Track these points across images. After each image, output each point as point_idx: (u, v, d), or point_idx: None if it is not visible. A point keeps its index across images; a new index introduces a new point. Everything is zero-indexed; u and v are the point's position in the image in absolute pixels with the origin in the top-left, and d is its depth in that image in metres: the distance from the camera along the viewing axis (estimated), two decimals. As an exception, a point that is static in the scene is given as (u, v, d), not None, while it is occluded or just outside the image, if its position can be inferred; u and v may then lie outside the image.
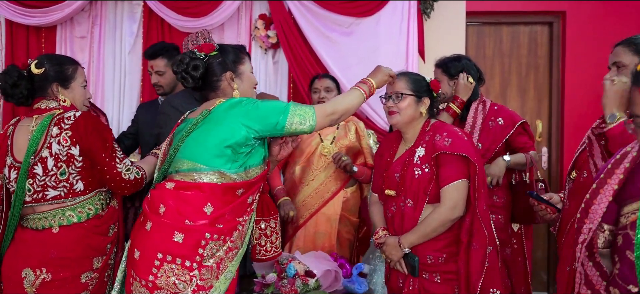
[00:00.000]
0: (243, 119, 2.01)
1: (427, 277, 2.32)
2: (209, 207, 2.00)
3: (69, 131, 2.18)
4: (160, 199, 2.04)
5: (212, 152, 2.01)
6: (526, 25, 4.52)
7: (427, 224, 2.29)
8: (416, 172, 2.33)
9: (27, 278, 2.18)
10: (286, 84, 4.28)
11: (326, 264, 2.87)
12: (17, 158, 2.23)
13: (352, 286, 2.86)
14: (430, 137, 2.35)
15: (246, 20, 4.25)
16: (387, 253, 2.40)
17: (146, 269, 1.98)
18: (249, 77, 2.23)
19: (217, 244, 2.01)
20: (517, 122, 2.96)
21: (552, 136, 4.50)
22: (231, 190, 2.03)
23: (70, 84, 2.34)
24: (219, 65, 2.15)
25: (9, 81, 2.25)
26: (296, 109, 2.06)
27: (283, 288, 2.69)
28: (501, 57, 4.53)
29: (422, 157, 2.34)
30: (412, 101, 2.39)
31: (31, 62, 2.30)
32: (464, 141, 2.31)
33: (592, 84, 4.28)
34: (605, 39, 4.25)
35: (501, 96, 4.53)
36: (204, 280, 1.99)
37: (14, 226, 2.23)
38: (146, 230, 2.03)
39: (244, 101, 2.06)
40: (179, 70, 2.13)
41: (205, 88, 2.17)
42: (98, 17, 4.23)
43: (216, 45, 2.19)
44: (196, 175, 2.02)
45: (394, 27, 4.10)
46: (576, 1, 4.32)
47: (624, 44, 2.19)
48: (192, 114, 2.21)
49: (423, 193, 2.32)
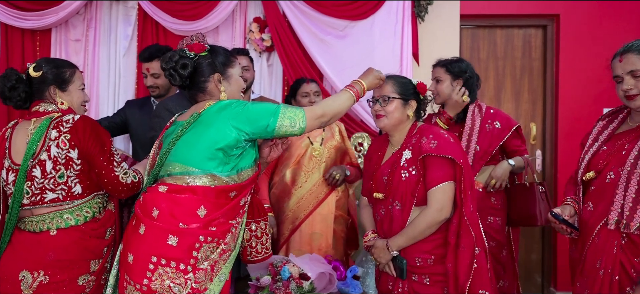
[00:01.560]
0: (233, 121, 2.01)
1: (416, 279, 2.34)
2: (202, 210, 1.99)
3: (67, 134, 2.18)
4: (153, 202, 2.03)
5: (203, 155, 2.01)
6: (520, 28, 4.54)
7: (414, 227, 2.30)
8: (403, 174, 2.35)
9: (25, 281, 2.17)
10: (280, 86, 4.28)
11: (320, 266, 2.87)
12: (15, 161, 2.23)
13: (347, 289, 2.87)
14: (417, 140, 2.36)
15: (241, 24, 4.26)
16: (376, 256, 2.43)
17: (140, 273, 1.97)
18: (237, 81, 2.23)
19: (211, 246, 2.01)
20: (513, 126, 3.01)
21: (546, 138, 4.51)
22: (224, 193, 2.03)
23: (67, 87, 2.34)
24: (208, 67, 2.15)
25: (7, 84, 2.26)
26: (286, 111, 2.06)
27: (277, 291, 2.69)
28: (495, 60, 4.55)
29: (408, 159, 2.35)
30: (399, 104, 2.41)
31: (30, 66, 2.31)
32: (450, 142, 2.31)
33: (586, 87, 4.32)
34: (599, 42, 4.30)
35: (495, 98, 4.55)
36: (198, 283, 1.99)
37: (11, 229, 2.23)
38: (139, 234, 2.02)
39: (234, 103, 2.06)
40: (167, 67, 2.13)
41: (192, 88, 2.18)
42: (93, 20, 4.22)
43: (207, 46, 2.18)
44: (189, 178, 2.02)
45: (388, 30, 4.12)
46: (570, 2, 4.34)
47: (636, 52, 2.17)
48: (181, 116, 2.21)
49: (411, 196, 2.33)
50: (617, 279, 2.14)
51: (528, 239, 4.56)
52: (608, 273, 2.16)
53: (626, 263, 2.12)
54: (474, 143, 2.96)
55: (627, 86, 2.18)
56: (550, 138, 4.49)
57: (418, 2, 4.15)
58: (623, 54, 2.20)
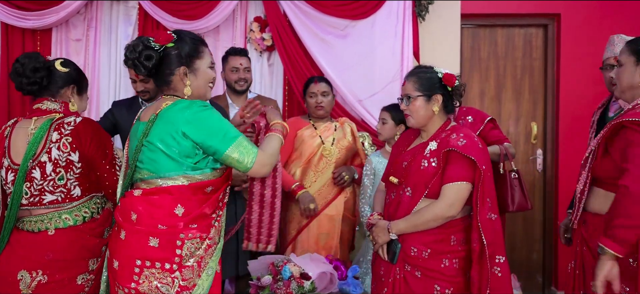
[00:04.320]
0: (185, 127, 1.94)
1: (409, 269, 2.32)
2: (179, 209, 1.97)
3: (69, 137, 2.18)
4: (131, 206, 2.00)
5: (168, 160, 1.97)
6: (521, 28, 4.53)
7: (420, 215, 2.29)
8: (423, 163, 2.33)
9: (23, 280, 2.17)
10: (281, 86, 4.28)
11: (321, 266, 2.87)
12: (14, 161, 2.22)
13: (348, 288, 2.87)
14: (447, 135, 2.34)
15: (241, 23, 4.26)
16: (374, 234, 2.41)
17: (127, 277, 1.96)
18: (204, 73, 2.10)
19: (194, 243, 1.99)
20: (485, 118, 3.00)
21: (547, 138, 4.51)
22: (199, 189, 2.01)
23: (83, 93, 2.39)
24: (174, 58, 2.03)
25: (30, 64, 2.22)
26: (241, 144, 1.99)
27: (278, 290, 2.69)
28: (496, 59, 4.55)
29: (433, 150, 2.33)
30: (422, 101, 2.37)
31: (55, 60, 2.31)
32: (478, 147, 2.29)
33: (587, 86, 4.31)
34: (599, 41, 4.27)
35: (496, 98, 4.54)
36: (186, 280, 1.97)
37: (10, 229, 2.23)
38: (121, 239, 2.00)
39: (193, 108, 1.97)
40: (131, 57, 2.02)
41: (157, 80, 2.09)
42: (93, 20, 4.22)
43: (173, 36, 2.06)
44: (161, 181, 1.99)
45: (389, 30, 4.11)
46: (571, 2, 4.33)
47: (627, 44, 2.23)
48: (144, 113, 2.13)
49: (423, 186, 2.31)
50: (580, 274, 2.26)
51: (529, 239, 4.55)
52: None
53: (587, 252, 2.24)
54: None
55: (612, 73, 2.28)
56: (551, 137, 4.48)
57: (419, 2, 4.14)
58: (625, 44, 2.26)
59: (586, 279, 2.24)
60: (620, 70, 2.21)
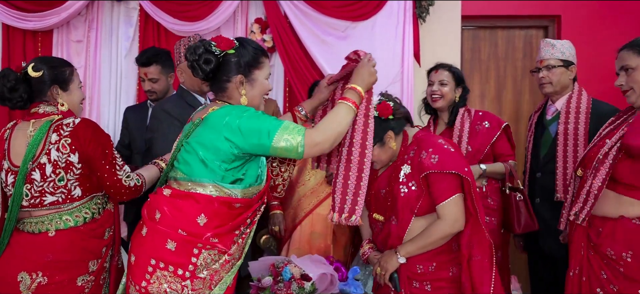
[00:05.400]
0: (226, 132, 1.92)
1: (417, 286, 2.30)
2: (202, 218, 1.96)
3: (68, 138, 2.17)
4: (157, 205, 2.01)
5: (204, 165, 1.97)
6: (521, 29, 4.54)
7: (428, 236, 2.26)
8: (402, 190, 2.30)
9: (23, 282, 2.17)
10: (282, 87, 4.28)
11: (322, 267, 2.87)
12: (14, 163, 2.22)
13: (348, 290, 2.87)
14: (416, 153, 2.30)
15: (242, 24, 4.26)
16: (383, 264, 2.35)
17: (140, 274, 1.97)
18: (261, 84, 2.08)
19: (211, 255, 1.98)
20: (502, 124, 3.04)
21: (548, 139, 4.50)
22: (227, 204, 1.99)
23: (69, 87, 2.32)
24: (233, 65, 2.02)
25: (7, 84, 2.21)
26: (286, 129, 1.90)
27: (279, 292, 2.69)
28: (496, 60, 4.55)
29: (408, 174, 2.30)
30: (378, 149, 2.32)
31: (26, 65, 2.27)
32: (451, 154, 2.25)
33: (587, 87, 4.30)
34: (600, 43, 4.30)
35: (497, 99, 4.55)
36: (195, 290, 1.96)
37: (10, 230, 2.23)
38: (142, 235, 2.02)
39: (234, 112, 1.94)
40: (190, 59, 2.01)
41: (213, 85, 2.08)
42: (94, 21, 4.23)
43: (235, 43, 2.04)
44: (191, 185, 1.99)
45: (389, 31, 4.11)
46: (571, 3, 4.33)
47: (628, 48, 2.22)
48: (196, 114, 2.12)
49: (409, 212, 2.29)
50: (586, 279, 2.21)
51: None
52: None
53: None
54: (465, 144, 3.00)
55: (619, 82, 2.24)
56: (551, 139, 4.48)
57: (419, 3, 4.14)
58: (620, 51, 2.26)
59: (592, 286, 2.19)
60: (634, 75, 2.18)
